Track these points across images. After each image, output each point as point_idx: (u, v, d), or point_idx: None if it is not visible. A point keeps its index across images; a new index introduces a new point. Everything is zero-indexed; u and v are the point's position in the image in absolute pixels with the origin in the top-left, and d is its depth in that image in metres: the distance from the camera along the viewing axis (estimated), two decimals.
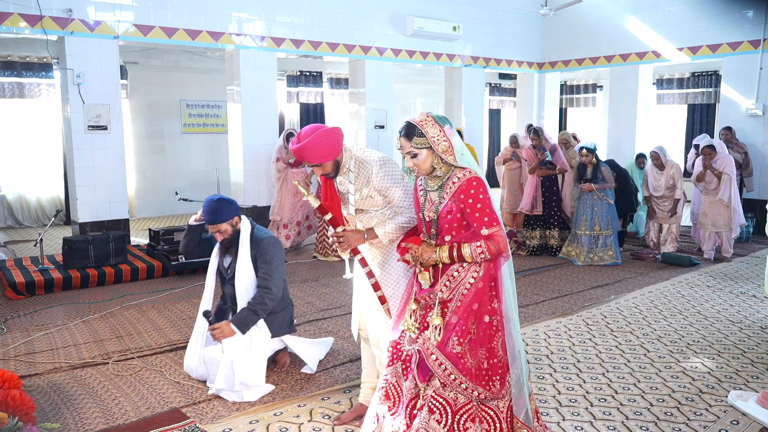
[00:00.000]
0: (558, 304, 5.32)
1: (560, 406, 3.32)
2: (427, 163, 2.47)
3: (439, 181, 2.49)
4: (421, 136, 2.44)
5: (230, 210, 3.55)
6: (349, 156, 2.89)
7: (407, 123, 2.50)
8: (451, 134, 2.46)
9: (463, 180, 2.42)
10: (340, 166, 2.89)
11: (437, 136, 2.43)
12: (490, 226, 2.39)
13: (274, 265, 3.56)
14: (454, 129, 2.51)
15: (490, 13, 10.47)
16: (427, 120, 2.46)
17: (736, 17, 8.79)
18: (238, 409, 3.30)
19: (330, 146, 2.80)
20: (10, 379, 2.97)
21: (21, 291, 5.57)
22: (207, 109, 11.01)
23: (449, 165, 2.47)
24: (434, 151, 2.44)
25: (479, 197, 2.40)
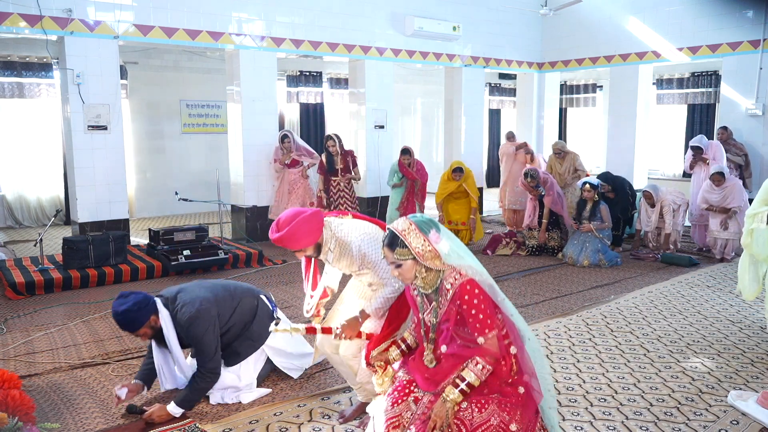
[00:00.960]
0: (558, 304, 5.32)
1: (560, 406, 3.32)
2: (412, 273, 2.38)
3: (432, 285, 2.39)
4: (403, 247, 2.34)
5: (142, 315, 3.13)
6: (330, 235, 2.93)
7: (390, 231, 2.40)
8: (436, 241, 2.35)
9: (457, 286, 2.32)
10: (322, 246, 2.94)
11: (421, 246, 2.33)
12: (483, 333, 2.30)
13: (203, 342, 3.21)
14: (442, 232, 2.40)
15: (490, 13, 10.46)
16: (410, 228, 2.35)
17: (736, 17, 8.79)
18: (237, 409, 3.30)
19: (309, 232, 2.84)
20: (10, 379, 2.97)
21: (21, 291, 5.57)
22: (207, 109, 11.01)
23: (437, 270, 2.37)
24: (418, 261, 2.34)
25: (473, 302, 2.30)
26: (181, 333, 3.24)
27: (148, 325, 3.17)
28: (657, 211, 7.14)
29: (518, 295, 5.62)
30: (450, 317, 2.35)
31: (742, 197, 6.66)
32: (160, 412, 3.15)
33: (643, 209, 7.31)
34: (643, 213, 7.31)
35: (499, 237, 7.53)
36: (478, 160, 10.79)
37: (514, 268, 6.71)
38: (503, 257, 7.25)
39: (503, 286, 5.91)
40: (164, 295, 3.31)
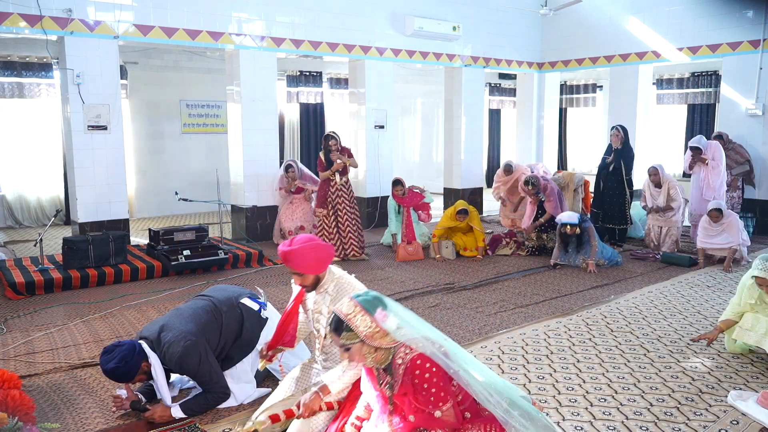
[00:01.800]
0: (558, 304, 5.32)
1: (560, 406, 3.32)
2: (361, 354, 2.34)
3: (383, 362, 2.35)
4: (350, 331, 2.29)
5: (133, 366, 3.07)
6: (331, 278, 2.92)
7: (334, 315, 2.34)
8: (383, 319, 2.29)
9: (407, 361, 2.28)
10: (320, 284, 2.93)
11: (368, 329, 2.28)
12: (438, 406, 2.26)
13: (200, 374, 3.18)
14: (389, 307, 2.33)
15: (490, 13, 10.47)
16: (356, 311, 2.30)
17: (736, 17, 8.79)
18: (237, 409, 3.30)
19: (317, 260, 2.85)
20: (10, 379, 2.97)
21: (21, 291, 5.57)
22: (207, 109, 11.01)
23: (388, 348, 2.32)
24: (366, 343, 2.29)
25: (425, 377, 2.25)
26: (175, 370, 3.19)
27: (141, 372, 3.12)
28: (665, 193, 7.12)
29: (518, 295, 5.62)
30: (407, 390, 2.31)
31: (741, 234, 6.54)
32: (163, 412, 3.14)
33: (648, 190, 7.27)
34: (648, 194, 7.27)
35: (499, 237, 7.53)
36: (478, 160, 10.79)
37: (514, 268, 6.71)
38: (503, 257, 7.25)
39: (503, 286, 5.92)
40: (148, 337, 3.18)
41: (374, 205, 9.36)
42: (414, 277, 6.26)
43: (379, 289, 5.77)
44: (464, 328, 4.65)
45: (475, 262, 6.97)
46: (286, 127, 11.77)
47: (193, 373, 3.17)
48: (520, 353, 4.11)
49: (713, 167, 7.31)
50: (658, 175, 7.19)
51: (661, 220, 7.30)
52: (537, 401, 3.38)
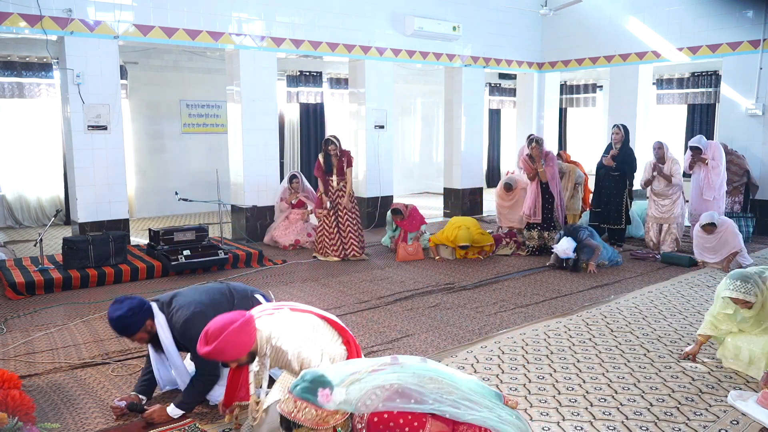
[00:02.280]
0: (558, 304, 5.32)
1: (560, 406, 3.32)
2: None
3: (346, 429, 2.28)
4: (298, 427, 2.22)
5: (137, 320, 3.13)
6: (264, 341, 2.80)
7: (281, 416, 2.25)
8: (328, 400, 2.22)
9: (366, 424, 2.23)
10: (256, 354, 2.82)
11: (315, 417, 2.20)
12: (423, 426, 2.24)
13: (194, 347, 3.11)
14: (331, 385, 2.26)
15: (490, 13, 10.47)
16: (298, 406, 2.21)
17: (736, 17, 8.79)
18: None
19: (240, 344, 2.72)
20: (10, 379, 2.97)
21: (21, 291, 5.57)
22: (207, 109, 11.01)
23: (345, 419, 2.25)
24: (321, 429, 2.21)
25: (390, 424, 2.22)
26: (178, 336, 3.23)
27: (144, 329, 3.17)
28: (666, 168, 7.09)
29: (518, 295, 5.62)
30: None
31: (738, 239, 6.49)
32: (161, 413, 3.15)
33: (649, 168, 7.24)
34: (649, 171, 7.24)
35: (499, 237, 7.53)
36: (478, 160, 10.79)
37: (514, 268, 6.71)
38: (503, 257, 7.25)
39: (503, 286, 5.92)
40: (160, 299, 3.29)
41: (374, 205, 9.36)
42: (414, 277, 6.26)
43: (379, 289, 5.78)
44: (464, 328, 4.65)
45: (475, 262, 6.97)
46: (286, 127, 11.77)
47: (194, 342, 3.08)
48: (520, 353, 4.11)
49: (713, 167, 7.30)
50: (663, 149, 7.16)
51: (661, 219, 7.27)
52: (537, 401, 3.38)
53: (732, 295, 3.62)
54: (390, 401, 2.25)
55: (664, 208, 7.26)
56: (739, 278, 3.63)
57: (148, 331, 3.19)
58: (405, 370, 2.37)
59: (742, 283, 3.60)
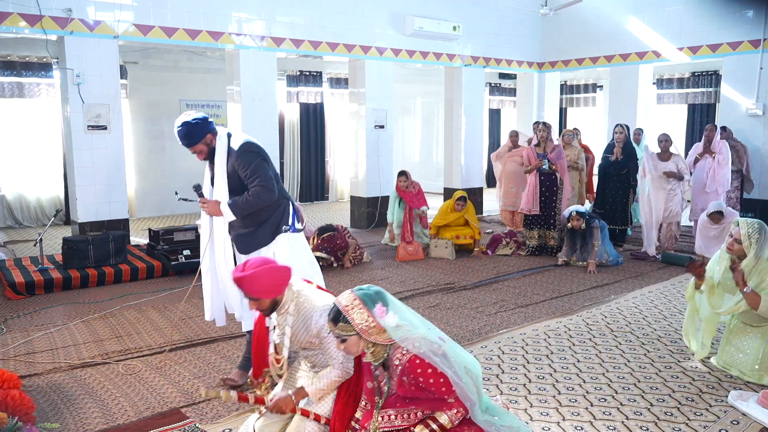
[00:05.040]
0: (558, 304, 5.32)
1: (560, 406, 3.32)
2: (357, 347, 2.37)
3: (379, 358, 2.40)
4: (346, 323, 2.32)
5: (201, 131, 3.49)
6: (290, 298, 2.78)
7: (334, 306, 2.38)
8: (381, 315, 2.32)
9: (405, 361, 2.32)
10: (278, 305, 2.79)
11: (364, 323, 2.31)
12: (450, 393, 2.33)
13: (252, 167, 3.47)
14: (390, 304, 2.36)
15: (490, 13, 10.47)
16: (354, 304, 2.33)
17: (736, 17, 8.79)
18: (237, 409, 3.30)
19: (273, 284, 2.72)
20: (10, 379, 2.97)
21: (21, 291, 5.57)
22: (207, 109, 10.99)
23: (384, 345, 2.37)
24: (362, 337, 2.33)
25: (428, 372, 2.30)
26: (235, 163, 3.46)
27: (204, 142, 3.50)
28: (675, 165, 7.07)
29: (518, 295, 5.62)
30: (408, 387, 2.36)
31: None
32: (214, 206, 3.44)
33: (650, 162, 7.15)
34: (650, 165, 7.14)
35: (499, 237, 7.53)
36: (478, 160, 10.80)
37: (514, 268, 6.71)
38: (503, 257, 7.24)
39: (503, 286, 5.92)
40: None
41: (374, 205, 9.35)
42: (414, 277, 6.26)
43: None
44: (464, 328, 4.65)
45: (475, 262, 6.96)
46: (286, 127, 11.77)
47: (248, 164, 3.43)
48: (520, 353, 4.11)
49: (719, 161, 7.32)
50: (669, 142, 7.16)
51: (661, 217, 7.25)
52: (537, 401, 3.38)
53: (741, 222, 3.64)
54: (434, 355, 2.32)
55: (662, 204, 7.21)
56: (758, 222, 3.66)
57: (207, 143, 3.52)
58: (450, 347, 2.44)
59: (758, 228, 3.62)
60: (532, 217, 7.33)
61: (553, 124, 11.85)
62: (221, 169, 3.50)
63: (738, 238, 3.63)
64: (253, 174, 3.45)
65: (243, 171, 3.48)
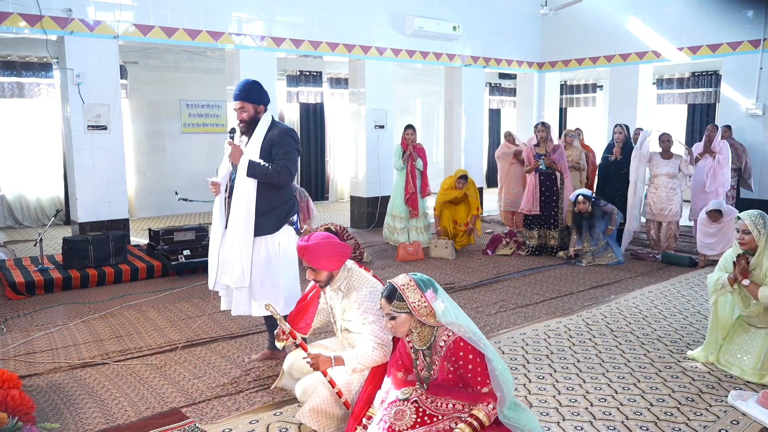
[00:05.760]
0: (558, 304, 5.32)
1: (560, 406, 3.32)
2: (406, 327, 2.51)
3: (425, 343, 2.54)
4: (401, 300, 2.48)
5: (258, 94, 3.63)
6: (345, 276, 3.03)
7: (390, 284, 2.54)
8: (433, 299, 2.48)
9: (450, 342, 2.46)
10: (333, 280, 3.03)
11: (417, 302, 2.46)
12: (485, 384, 2.43)
13: (287, 149, 3.60)
14: (439, 292, 2.52)
15: (490, 13, 10.47)
16: (410, 285, 2.50)
17: (736, 17, 8.79)
18: (237, 409, 3.30)
19: (332, 257, 2.96)
20: (10, 379, 2.97)
21: (21, 291, 5.57)
22: (207, 109, 11.00)
23: (431, 326, 2.51)
24: (413, 316, 2.48)
25: (468, 358, 2.43)
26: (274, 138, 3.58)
27: (254, 107, 3.61)
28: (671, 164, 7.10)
29: (518, 295, 5.62)
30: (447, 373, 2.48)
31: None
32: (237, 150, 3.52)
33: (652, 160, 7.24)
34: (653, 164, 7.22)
35: (499, 237, 7.53)
36: (478, 160, 10.80)
37: (514, 268, 6.71)
38: (503, 257, 7.24)
39: (503, 286, 5.92)
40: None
41: (374, 205, 9.35)
42: None
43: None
44: None
45: (475, 262, 6.97)
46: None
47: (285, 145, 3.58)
48: (520, 353, 4.11)
49: (720, 161, 7.33)
50: (671, 142, 7.17)
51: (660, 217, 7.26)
52: (537, 401, 3.38)
53: (742, 215, 3.67)
54: (479, 341, 2.46)
55: (663, 203, 7.21)
56: (759, 212, 3.70)
57: (255, 111, 3.62)
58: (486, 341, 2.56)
59: (759, 214, 3.66)
60: (532, 217, 7.33)
61: (553, 124, 11.88)
62: (259, 137, 3.62)
63: (746, 230, 3.65)
64: (285, 155, 3.59)
65: (277, 148, 3.60)
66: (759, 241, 3.63)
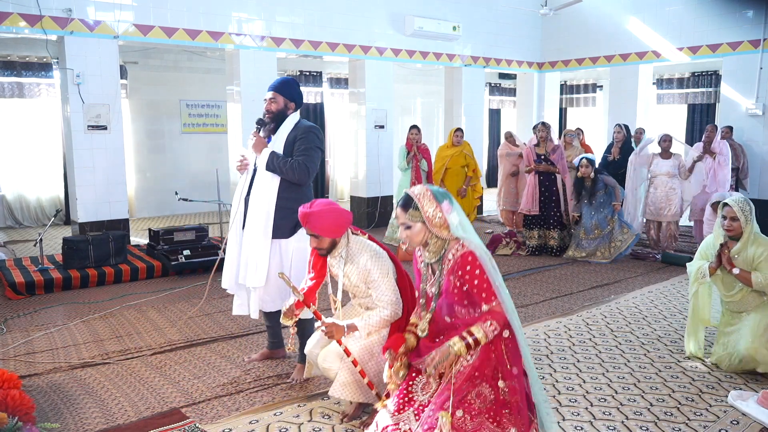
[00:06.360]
0: (558, 304, 5.32)
1: (560, 406, 3.32)
2: (420, 237, 2.51)
3: (437, 255, 2.53)
4: (416, 210, 2.48)
5: (292, 91, 3.64)
6: (345, 243, 3.04)
7: (405, 194, 2.55)
8: (448, 211, 2.47)
9: (458, 255, 2.44)
10: (335, 247, 3.04)
11: (432, 212, 2.46)
12: (489, 301, 2.41)
13: (309, 146, 3.57)
14: (454, 205, 2.52)
15: (490, 13, 10.47)
16: (425, 194, 2.49)
17: (736, 17, 8.79)
18: (237, 409, 3.30)
19: (335, 225, 2.97)
20: (10, 379, 2.97)
21: (21, 291, 5.57)
22: (207, 109, 11.00)
23: (443, 239, 2.50)
24: (427, 226, 2.47)
25: (475, 273, 2.40)
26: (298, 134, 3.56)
27: (285, 102, 3.61)
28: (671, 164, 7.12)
29: (518, 295, 5.61)
30: (452, 288, 2.44)
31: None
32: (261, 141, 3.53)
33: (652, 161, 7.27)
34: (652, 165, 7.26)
35: (499, 237, 7.53)
36: (479, 160, 10.76)
37: (514, 268, 6.71)
38: (503, 257, 7.24)
39: None
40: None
41: (374, 205, 9.35)
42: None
43: None
44: None
45: None
46: None
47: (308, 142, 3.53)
48: None
49: (720, 162, 7.32)
50: (671, 142, 7.19)
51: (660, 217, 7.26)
52: None
53: (729, 201, 3.68)
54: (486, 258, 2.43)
55: (662, 203, 7.22)
56: (743, 197, 3.73)
57: (286, 105, 3.62)
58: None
59: (745, 200, 3.68)
60: (532, 217, 7.34)
61: (553, 124, 11.88)
62: (284, 132, 3.61)
63: (734, 216, 3.68)
64: (305, 151, 3.56)
65: (299, 144, 3.58)
66: (745, 228, 3.67)
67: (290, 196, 3.55)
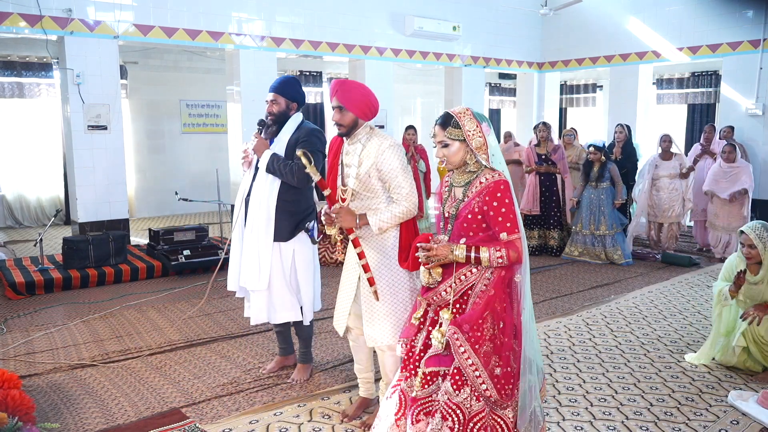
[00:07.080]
0: (558, 304, 5.32)
1: (560, 406, 3.32)
2: (457, 157, 2.39)
3: (467, 178, 2.41)
4: (456, 128, 2.36)
5: (294, 91, 3.57)
6: (367, 131, 2.94)
7: (445, 112, 2.43)
8: (487, 132, 2.38)
9: (491, 181, 2.34)
10: (356, 129, 2.93)
11: (473, 131, 2.36)
12: (512, 232, 2.32)
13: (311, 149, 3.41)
14: (492, 129, 2.43)
15: (490, 13, 10.47)
16: (466, 113, 2.38)
17: (735, 17, 8.79)
18: (237, 409, 3.30)
19: (363, 101, 2.88)
20: (10, 379, 2.97)
21: (21, 291, 5.57)
22: (207, 109, 11.01)
23: (480, 164, 2.39)
24: (467, 145, 2.36)
25: (505, 201, 2.30)
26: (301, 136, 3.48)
27: (287, 102, 3.54)
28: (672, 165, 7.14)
29: None
30: (473, 211, 2.35)
31: (751, 180, 6.69)
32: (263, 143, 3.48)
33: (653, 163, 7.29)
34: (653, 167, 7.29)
35: None
36: None
37: None
38: None
39: None
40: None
41: None
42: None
43: None
44: None
45: None
46: None
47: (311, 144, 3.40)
48: None
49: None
50: (671, 142, 7.19)
51: (662, 218, 7.26)
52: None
53: (746, 229, 3.67)
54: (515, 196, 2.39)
55: (665, 204, 7.22)
56: (761, 223, 3.70)
57: (287, 107, 3.54)
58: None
59: (762, 226, 3.66)
60: (532, 217, 7.34)
61: (553, 124, 11.87)
62: (286, 135, 3.55)
63: (750, 243, 3.66)
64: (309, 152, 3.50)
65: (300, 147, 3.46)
66: (763, 255, 3.64)
67: (291, 199, 3.50)
